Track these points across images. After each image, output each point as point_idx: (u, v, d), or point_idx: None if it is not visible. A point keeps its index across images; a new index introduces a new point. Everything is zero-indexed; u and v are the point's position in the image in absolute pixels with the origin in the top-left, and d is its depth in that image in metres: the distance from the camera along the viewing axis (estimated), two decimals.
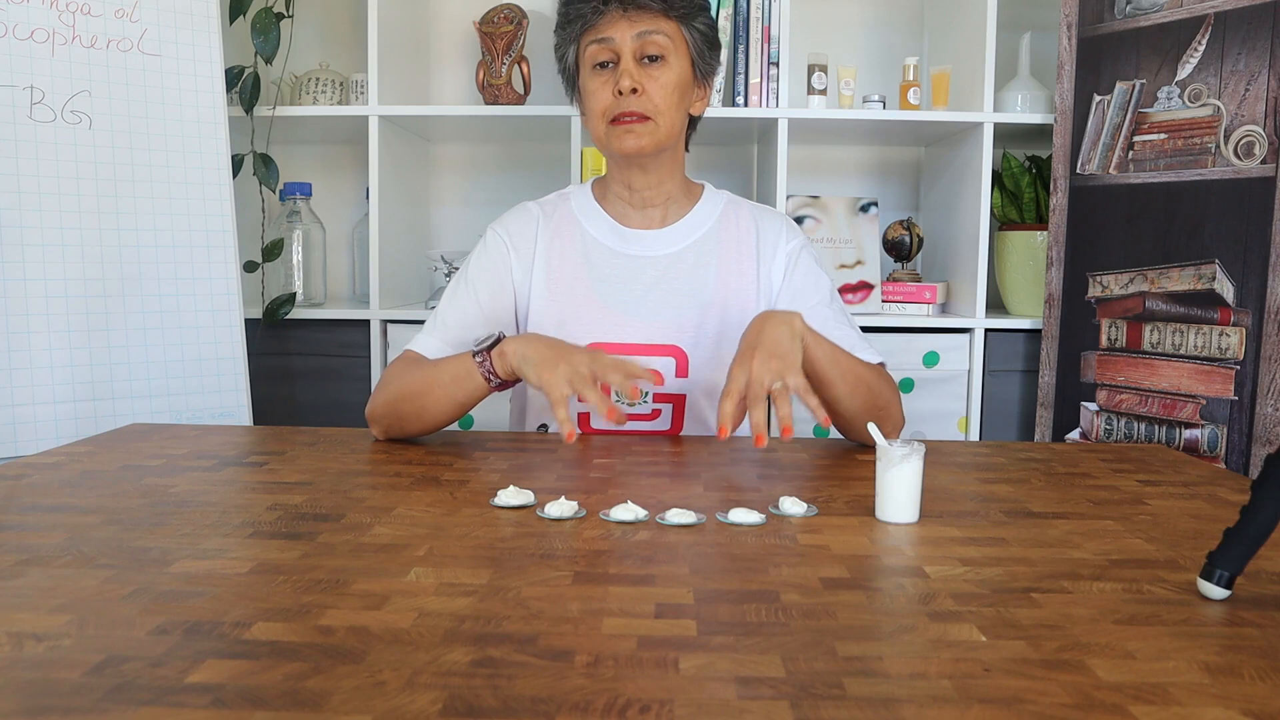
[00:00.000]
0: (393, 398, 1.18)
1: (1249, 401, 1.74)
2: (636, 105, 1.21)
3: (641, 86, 1.20)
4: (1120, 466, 1.12)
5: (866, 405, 1.17)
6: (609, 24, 1.20)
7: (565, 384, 1.04)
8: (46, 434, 1.64)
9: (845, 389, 1.16)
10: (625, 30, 1.20)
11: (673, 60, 1.22)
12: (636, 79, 1.20)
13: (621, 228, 1.31)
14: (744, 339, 1.10)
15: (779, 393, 1.03)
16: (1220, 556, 0.68)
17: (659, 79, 1.21)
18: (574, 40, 1.25)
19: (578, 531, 0.82)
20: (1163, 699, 0.52)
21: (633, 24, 1.20)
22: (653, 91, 1.21)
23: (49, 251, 1.65)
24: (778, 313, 1.12)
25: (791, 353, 1.07)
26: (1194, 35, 1.81)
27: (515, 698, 0.51)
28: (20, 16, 1.63)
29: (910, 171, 2.51)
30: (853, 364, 1.18)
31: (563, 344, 1.10)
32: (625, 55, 1.20)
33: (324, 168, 2.50)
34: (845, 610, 0.65)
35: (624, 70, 1.20)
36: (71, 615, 0.62)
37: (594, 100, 1.23)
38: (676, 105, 1.24)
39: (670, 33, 1.22)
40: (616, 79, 1.21)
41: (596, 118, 1.24)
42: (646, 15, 1.20)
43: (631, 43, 1.20)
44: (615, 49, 1.21)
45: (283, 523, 0.84)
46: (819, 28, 2.42)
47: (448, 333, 1.26)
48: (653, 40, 1.20)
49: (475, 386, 1.14)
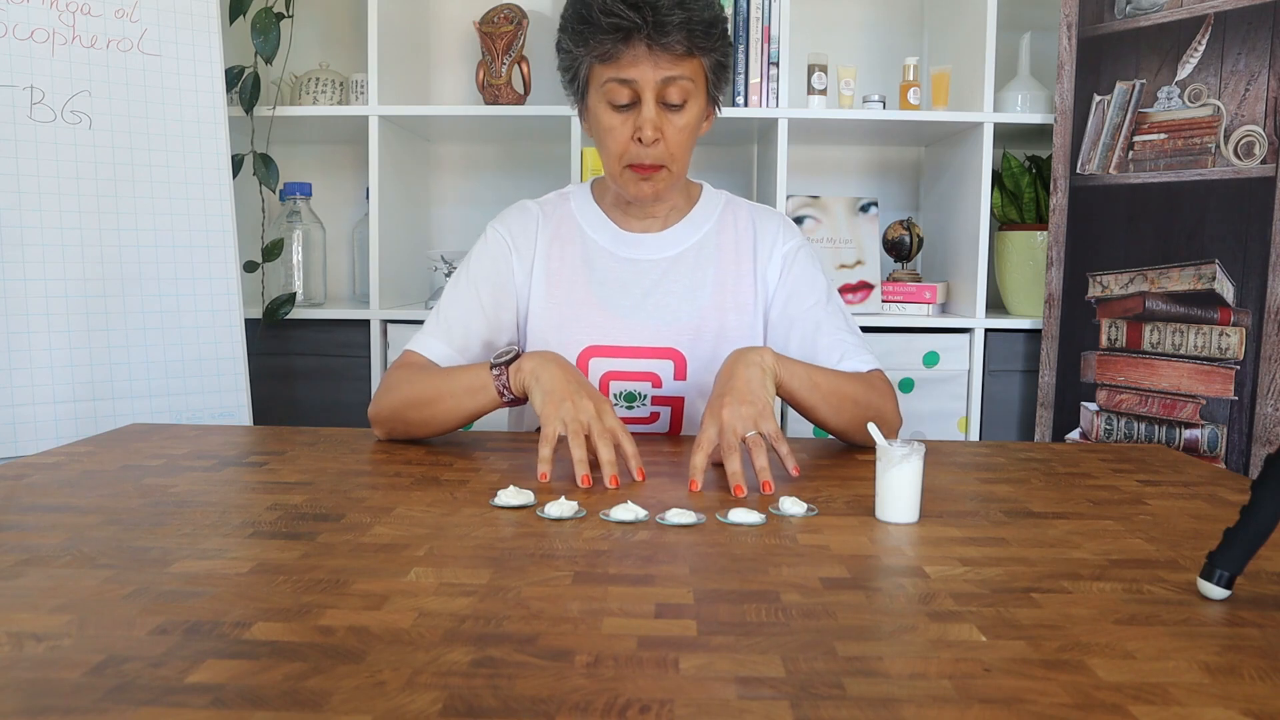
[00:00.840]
0: (400, 404, 1.17)
1: (1249, 401, 1.74)
2: (654, 156, 1.18)
3: (662, 133, 1.17)
4: (1120, 466, 1.12)
5: (855, 419, 1.16)
6: (632, 63, 1.14)
7: (560, 425, 1.02)
8: (46, 434, 1.64)
9: (829, 410, 1.15)
10: (649, 74, 1.14)
11: (691, 103, 1.18)
12: (659, 127, 1.16)
13: (621, 231, 1.31)
14: (716, 383, 1.07)
15: (754, 442, 0.99)
16: (1220, 556, 0.68)
17: (677, 123, 1.18)
18: (588, 60, 1.18)
19: (578, 531, 0.82)
20: (1163, 699, 0.52)
21: (657, 67, 1.14)
22: (670, 137, 1.18)
23: (49, 251, 1.65)
24: (748, 352, 1.09)
25: (762, 396, 1.04)
26: (1194, 35, 1.81)
27: (515, 698, 0.51)
28: (20, 16, 1.63)
29: (910, 171, 2.51)
30: (834, 382, 1.16)
31: (576, 380, 1.07)
32: (647, 101, 1.16)
33: (324, 168, 2.50)
34: (845, 610, 0.65)
35: (646, 119, 1.16)
36: (71, 615, 0.62)
37: (611, 139, 1.19)
38: (690, 145, 1.21)
39: (692, 74, 1.17)
40: (636, 123, 1.16)
41: (613, 157, 1.20)
42: (671, 57, 1.14)
43: (655, 87, 1.15)
44: (637, 90, 1.16)
45: (283, 523, 0.84)
46: (819, 28, 2.42)
47: (451, 332, 1.26)
48: (677, 86, 1.16)
49: (488, 400, 1.13)
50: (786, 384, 1.11)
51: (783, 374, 1.10)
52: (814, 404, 1.14)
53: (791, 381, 1.11)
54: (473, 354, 1.26)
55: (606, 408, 1.04)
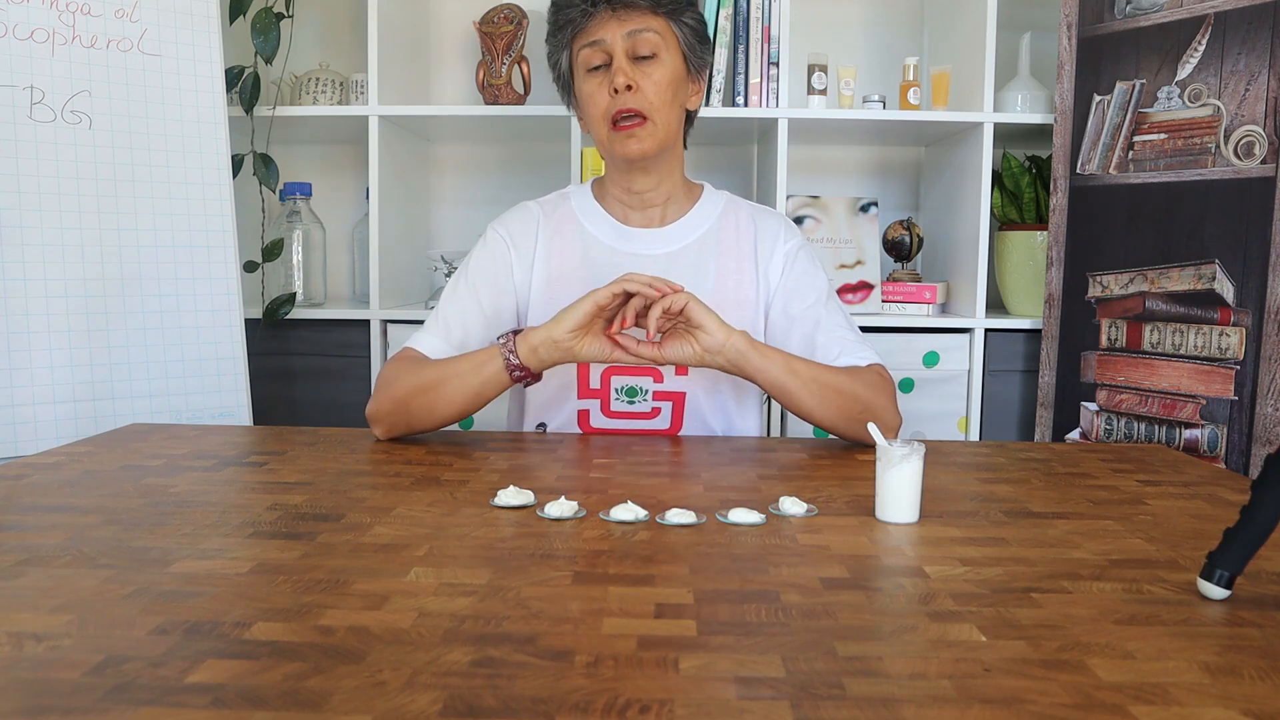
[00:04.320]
0: (401, 395, 1.18)
1: (1249, 401, 1.74)
2: (633, 102, 1.22)
3: (636, 84, 1.21)
4: (1120, 466, 1.12)
5: (843, 411, 1.16)
6: (599, 26, 1.22)
7: (589, 302, 1.11)
8: (46, 434, 1.64)
9: (811, 398, 1.15)
10: (615, 30, 1.21)
11: (665, 57, 1.23)
12: (630, 76, 1.21)
13: (622, 226, 1.31)
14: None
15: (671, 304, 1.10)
16: (1220, 556, 0.68)
17: (652, 75, 1.23)
18: (566, 46, 1.27)
19: (578, 531, 0.82)
20: (1163, 699, 0.52)
21: (622, 23, 1.21)
22: (647, 88, 1.22)
23: (49, 251, 1.65)
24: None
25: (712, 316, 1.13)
26: (1194, 35, 1.81)
27: (515, 698, 0.51)
28: (20, 16, 1.63)
29: (910, 171, 2.51)
30: (817, 371, 1.17)
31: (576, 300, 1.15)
32: (618, 54, 1.22)
33: (324, 168, 2.49)
34: (845, 610, 0.65)
35: (617, 68, 1.21)
36: (71, 615, 0.62)
37: (592, 104, 1.25)
38: (672, 102, 1.25)
39: (660, 29, 1.23)
40: (611, 79, 1.22)
41: (598, 122, 1.25)
42: (635, 14, 1.22)
43: (623, 42, 1.22)
44: (607, 50, 1.22)
45: (283, 523, 0.84)
46: (819, 28, 2.42)
47: (449, 331, 1.27)
48: (644, 39, 1.22)
49: (494, 371, 1.15)
50: (756, 364, 1.14)
51: (755, 358, 1.14)
52: (793, 389, 1.15)
53: (766, 363, 1.14)
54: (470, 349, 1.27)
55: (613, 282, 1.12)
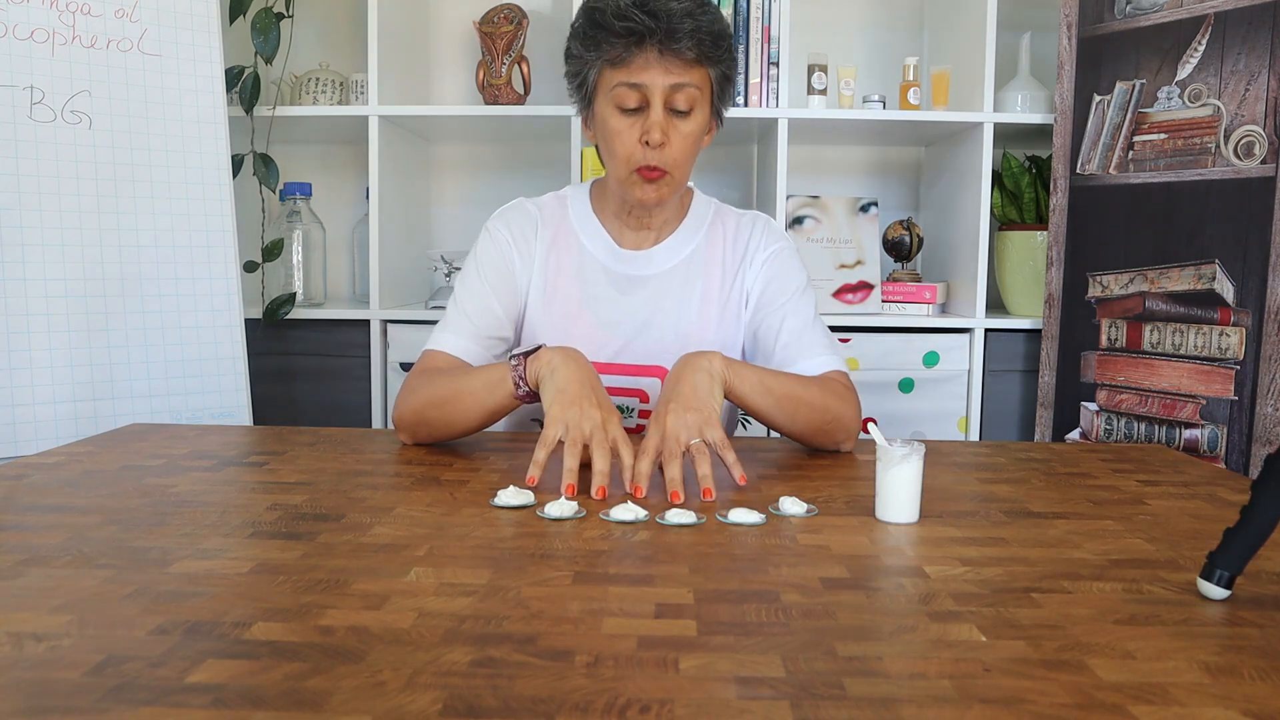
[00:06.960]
0: (420, 405, 1.17)
1: (1249, 401, 1.74)
2: (660, 160, 1.18)
3: (668, 139, 1.18)
4: (1120, 466, 1.12)
5: (812, 423, 1.15)
6: (643, 68, 1.15)
7: (561, 429, 1.00)
8: (46, 434, 1.64)
9: (783, 415, 1.14)
10: (659, 79, 1.15)
11: (697, 111, 1.19)
12: (666, 133, 1.17)
13: (616, 247, 1.30)
14: (663, 388, 1.07)
15: (697, 450, 0.98)
16: (1220, 556, 0.68)
17: (683, 130, 1.18)
18: (599, 64, 1.18)
19: (578, 531, 0.82)
20: (1163, 699, 0.52)
21: (667, 72, 1.15)
22: (676, 143, 1.18)
23: (49, 251, 1.65)
24: (697, 357, 1.08)
25: (709, 403, 1.03)
26: (1194, 35, 1.81)
27: (515, 698, 0.51)
28: (20, 16, 1.63)
29: (910, 171, 2.51)
30: (787, 386, 1.14)
31: (591, 384, 1.05)
32: (656, 105, 1.16)
33: (324, 168, 2.49)
34: (845, 610, 0.65)
35: (654, 122, 1.16)
36: (71, 615, 0.62)
37: (618, 143, 1.19)
38: (693, 153, 1.22)
39: (699, 83, 1.18)
40: (644, 127, 1.17)
41: (619, 161, 1.20)
42: (679, 64, 1.15)
43: (663, 92, 1.16)
44: (646, 95, 1.16)
45: (283, 523, 0.84)
46: (819, 28, 2.42)
47: (474, 324, 1.25)
48: (685, 94, 1.16)
49: (504, 394, 1.11)
50: (736, 389, 1.10)
51: (732, 379, 1.09)
52: (767, 408, 1.12)
53: (741, 386, 1.10)
54: (495, 339, 1.26)
55: (614, 419, 1.02)
